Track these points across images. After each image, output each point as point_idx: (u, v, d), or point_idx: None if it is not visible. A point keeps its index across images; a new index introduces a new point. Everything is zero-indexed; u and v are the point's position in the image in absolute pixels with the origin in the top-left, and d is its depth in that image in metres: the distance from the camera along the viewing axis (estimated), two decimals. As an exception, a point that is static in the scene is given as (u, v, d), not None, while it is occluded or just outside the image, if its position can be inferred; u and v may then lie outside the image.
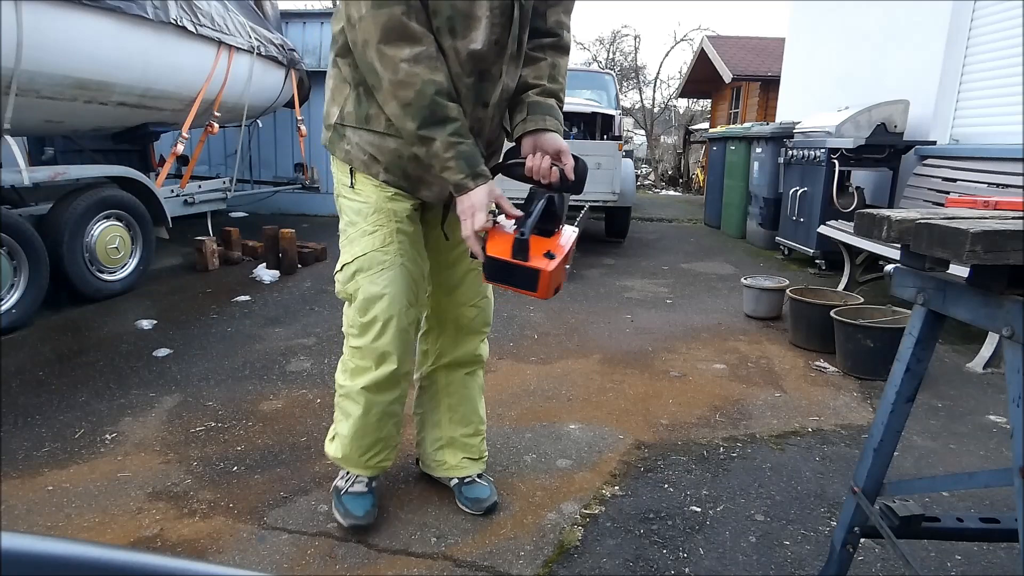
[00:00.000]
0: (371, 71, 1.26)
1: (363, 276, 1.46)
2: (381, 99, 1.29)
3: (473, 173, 1.31)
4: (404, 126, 1.29)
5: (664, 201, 11.79)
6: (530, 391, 2.64)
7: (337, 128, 1.43)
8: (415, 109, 1.25)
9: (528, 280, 1.28)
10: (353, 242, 1.47)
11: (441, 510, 1.78)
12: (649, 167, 18.53)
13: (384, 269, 1.46)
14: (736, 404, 2.55)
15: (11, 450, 2.07)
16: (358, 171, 1.44)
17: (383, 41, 1.22)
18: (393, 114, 1.29)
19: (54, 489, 1.85)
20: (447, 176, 1.31)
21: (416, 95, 1.24)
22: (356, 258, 1.46)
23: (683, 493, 1.90)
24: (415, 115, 1.26)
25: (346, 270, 1.49)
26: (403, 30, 1.22)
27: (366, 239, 1.46)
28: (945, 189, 4.08)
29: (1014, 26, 4.21)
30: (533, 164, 1.39)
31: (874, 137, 4.62)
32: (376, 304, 1.47)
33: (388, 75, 1.24)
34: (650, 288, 4.58)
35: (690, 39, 20.17)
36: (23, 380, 2.65)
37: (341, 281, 1.52)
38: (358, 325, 1.51)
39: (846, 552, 1.26)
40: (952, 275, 1.06)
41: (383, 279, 1.47)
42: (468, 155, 1.30)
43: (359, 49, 1.26)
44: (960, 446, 2.24)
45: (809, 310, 3.20)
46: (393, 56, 1.22)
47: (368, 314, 1.48)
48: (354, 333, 1.53)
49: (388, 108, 1.29)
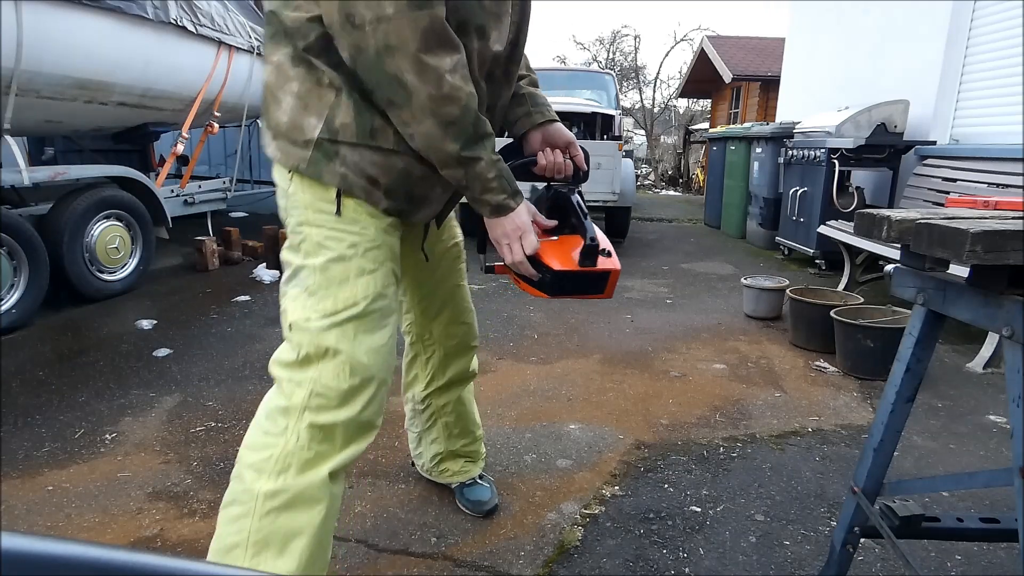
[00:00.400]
0: (393, 83, 1.02)
1: (358, 327, 1.13)
2: (405, 117, 1.06)
3: (513, 191, 1.15)
4: (443, 147, 1.07)
5: (664, 201, 11.79)
6: (530, 391, 2.64)
7: (323, 146, 1.09)
8: (459, 128, 1.06)
9: (597, 284, 1.22)
10: (344, 284, 1.12)
11: (441, 510, 1.78)
12: (649, 167, 18.53)
13: (385, 317, 1.18)
14: (736, 404, 2.55)
15: (11, 450, 2.07)
16: (350, 197, 1.13)
17: (424, 49, 1.00)
18: (427, 134, 1.06)
19: (54, 489, 1.85)
20: (487, 198, 1.13)
21: (462, 111, 1.05)
22: (352, 304, 1.12)
23: (683, 493, 1.90)
24: (459, 134, 1.07)
25: (332, 319, 1.11)
26: (445, 35, 1.02)
27: (365, 280, 1.14)
28: (945, 189, 4.08)
29: (1014, 26, 4.21)
30: (548, 160, 1.30)
31: (874, 137, 4.62)
32: (373, 362, 1.14)
33: (429, 89, 1.01)
34: (650, 288, 4.58)
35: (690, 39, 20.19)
36: (23, 380, 2.65)
37: (315, 332, 1.11)
38: (337, 393, 1.11)
39: (846, 552, 1.26)
40: (952, 275, 1.06)
41: (386, 331, 1.18)
42: (507, 171, 1.15)
43: (371, 56, 1.00)
44: (960, 446, 2.24)
45: (809, 310, 3.20)
46: (437, 67, 1.01)
47: (356, 376, 1.12)
48: (324, 404, 1.11)
49: (420, 127, 1.06)
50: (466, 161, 1.09)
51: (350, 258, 1.13)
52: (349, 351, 1.11)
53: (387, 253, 1.19)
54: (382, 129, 1.11)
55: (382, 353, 1.16)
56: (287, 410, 1.12)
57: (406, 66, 1.00)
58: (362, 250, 1.14)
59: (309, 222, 1.13)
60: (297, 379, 1.12)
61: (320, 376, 1.11)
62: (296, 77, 1.09)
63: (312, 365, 1.11)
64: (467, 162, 1.09)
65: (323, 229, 1.13)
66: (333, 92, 1.08)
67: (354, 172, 1.11)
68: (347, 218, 1.13)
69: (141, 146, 5.37)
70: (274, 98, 1.11)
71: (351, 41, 1.01)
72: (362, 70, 1.04)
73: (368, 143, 1.10)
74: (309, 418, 1.10)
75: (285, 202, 1.16)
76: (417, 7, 0.98)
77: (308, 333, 1.11)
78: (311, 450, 1.10)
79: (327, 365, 1.11)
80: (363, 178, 1.12)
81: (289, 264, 1.17)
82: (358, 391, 1.13)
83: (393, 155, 1.13)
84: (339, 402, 1.11)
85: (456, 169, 1.10)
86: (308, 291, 1.13)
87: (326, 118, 1.08)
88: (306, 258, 1.13)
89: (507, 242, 1.17)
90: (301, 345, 1.12)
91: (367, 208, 1.15)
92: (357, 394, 1.13)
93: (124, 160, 4.66)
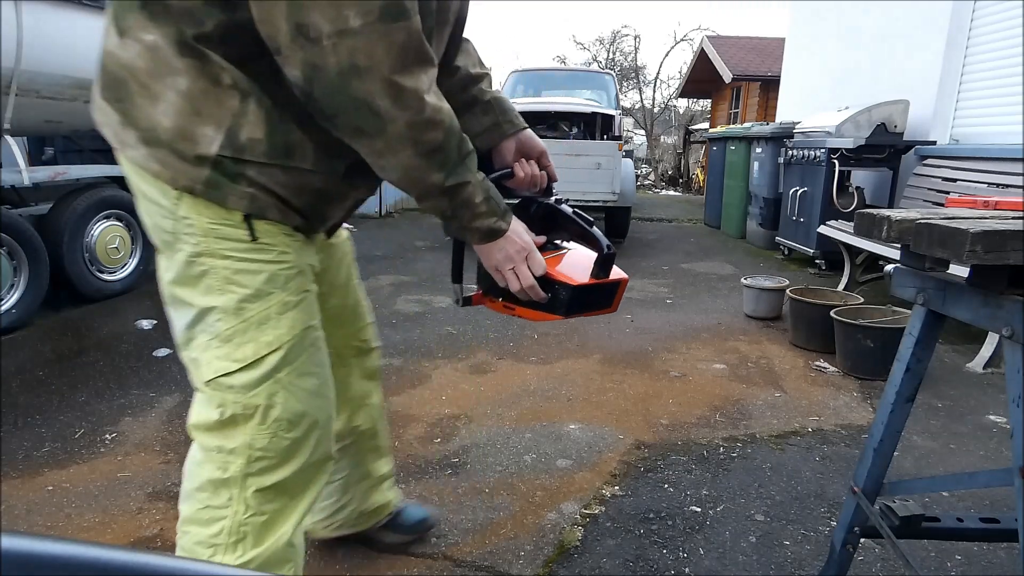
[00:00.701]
0: (363, 110, 0.84)
1: (290, 373, 0.97)
2: (378, 147, 0.88)
3: (503, 210, 1.00)
4: (426, 179, 0.91)
5: (664, 201, 11.79)
6: (530, 391, 2.64)
7: (224, 165, 0.88)
8: (444, 155, 0.91)
9: (607, 297, 1.12)
10: (265, 325, 0.95)
11: (441, 510, 1.78)
12: (649, 167, 18.54)
13: (318, 349, 1.03)
14: (736, 404, 2.55)
15: (11, 450, 2.07)
16: (262, 220, 0.94)
17: (399, 70, 0.82)
18: (406, 166, 0.90)
19: (54, 489, 1.85)
20: (478, 225, 0.98)
21: (446, 135, 0.90)
22: (277, 347, 0.95)
23: (683, 493, 1.90)
24: (444, 162, 0.91)
25: (257, 371, 0.94)
26: (422, 51, 0.86)
27: (290, 316, 0.97)
28: (945, 189, 4.08)
29: (1014, 26, 4.21)
30: (525, 173, 1.15)
31: (874, 137, 4.62)
32: (312, 406, 1.00)
33: (408, 115, 0.85)
34: (650, 288, 4.58)
35: (690, 39, 20.18)
36: (23, 380, 2.65)
37: (239, 389, 0.95)
38: (278, 452, 0.97)
39: (846, 552, 1.26)
40: (952, 275, 1.06)
41: (322, 367, 1.03)
42: (494, 190, 1.00)
43: (332, 78, 0.81)
44: (960, 446, 2.24)
45: (809, 310, 3.20)
46: (415, 89, 0.84)
47: (297, 429, 0.98)
48: (267, 466, 0.98)
49: (397, 158, 0.89)
50: (452, 190, 0.93)
51: (269, 293, 0.95)
52: (284, 404, 0.96)
53: (309, 275, 1.03)
54: (300, 145, 0.92)
55: (322, 392, 1.02)
56: (226, 482, 0.97)
57: (378, 90, 0.82)
58: (282, 281, 0.96)
59: (212, 252, 0.92)
60: (228, 447, 0.97)
61: (254, 440, 0.96)
62: (184, 71, 0.86)
63: (241, 427, 0.96)
64: (453, 191, 0.94)
65: (231, 261, 0.93)
66: (237, 97, 0.87)
67: (264, 195, 0.92)
68: (262, 244, 0.94)
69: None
70: (143, 88, 0.87)
71: (304, 58, 0.80)
72: (320, 93, 0.83)
73: (282, 163, 0.91)
74: (254, 484, 0.97)
75: (171, 224, 0.92)
76: (391, 18, 0.80)
77: (232, 391, 0.95)
78: (264, 513, 0.99)
79: (260, 427, 0.96)
80: (273, 197, 0.93)
81: (185, 304, 0.95)
82: (303, 441, 0.99)
83: (310, 175, 0.95)
84: (283, 459, 0.98)
85: (440, 199, 0.95)
86: (221, 338, 0.94)
87: (228, 130, 0.87)
88: (212, 297, 0.93)
89: (511, 267, 1.02)
90: (225, 405, 0.95)
91: (282, 228, 0.97)
92: (302, 444, 1.00)
93: (124, 160, 4.65)
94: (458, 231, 1.01)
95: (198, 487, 1.01)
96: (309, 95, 0.84)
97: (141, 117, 0.88)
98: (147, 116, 0.88)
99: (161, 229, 0.94)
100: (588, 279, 1.06)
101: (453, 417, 2.38)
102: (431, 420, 2.35)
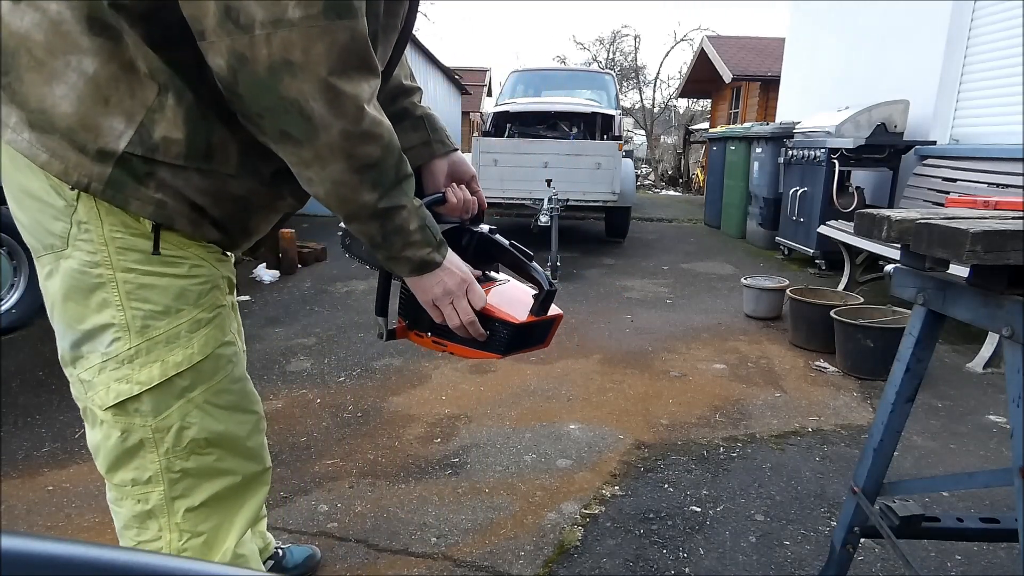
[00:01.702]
0: (292, 112, 0.74)
1: (205, 390, 0.89)
2: (305, 156, 0.78)
3: (438, 241, 0.90)
4: (356, 198, 0.81)
5: (664, 201, 11.79)
6: (530, 391, 2.64)
7: (131, 164, 0.78)
8: (380, 172, 0.81)
9: (543, 333, 1.04)
10: (174, 344, 0.85)
11: (441, 510, 1.78)
12: (649, 167, 18.55)
13: (234, 366, 0.94)
14: (736, 404, 2.55)
15: (11, 450, 2.07)
16: (170, 229, 0.83)
17: (339, 73, 0.73)
18: (335, 180, 0.79)
19: (54, 489, 1.85)
20: (409, 254, 0.87)
21: (383, 152, 0.80)
22: (189, 367, 0.86)
23: (683, 493, 1.90)
24: (378, 180, 0.81)
25: (163, 390, 0.85)
26: (366, 55, 0.77)
27: (202, 333, 0.88)
28: (945, 189, 4.08)
29: (1014, 26, 4.21)
30: (458, 198, 1.04)
31: (874, 137, 4.62)
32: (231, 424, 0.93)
33: (343, 124, 0.75)
34: (650, 288, 4.58)
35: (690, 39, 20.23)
36: (23, 380, 2.65)
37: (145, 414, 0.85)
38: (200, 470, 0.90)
39: (846, 552, 1.26)
40: (952, 275, 1.06)
41: (235, 380, 0.94)
42: (430, 218, 0.90)
43: (261, 73, 0.71)
44: (960, 446, 2.24)
45: (809, 310, 3.20)
46: (354, 96, 0.75)
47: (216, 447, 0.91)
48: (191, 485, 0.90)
49: (326, 171, 0.79)
50: (384, 213, 0.83)
51: (179, 311, 0.85)
52: (200, 424, 0.88)
53: (224, 288, 0.93)
54: (221, 147, 0.81)
55: (241, 406, 0.94)
56: (150, 513, 0.89)
57: (312, 91, 0.73)
58: (194, 296, 0.86)
59: (111, 264, 0.81)
60: (142, 478, 0.88)
61: (171, 464, 0.87)
62: (92, 51, 0.74)
63: (151, 454, 0.87)
64: (386, 214, 0.83)
65: (135, 274, 0.82)
66: (154, 89, 0.76)
67: (174, 198, 0.81)
68: (170, 258, 0.84)
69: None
70: (38, 65, 0.75)
71: (231, 46, 0.71)
72: (245, 89, 0.73)
73: (200, 166, 0.81)
74: (182, 506, 0.90)
75: (61, 228, 0.80)
76: (336, 15, 0.71)
77: (139, 415, 0.85)
78: (201, 534, 0.92)
79: (176, 449, 0.87)
80: (186, 205, 0.82)
81: (73, 318, 0.84)
82: (227, 457, 0.92)
83: (231, 180, 0.84)
84: (209, 475, 0.91)
85: (370, 223, 0.84)
86: (119, 359, 0.83)
87: (139, 125, 0.76)
88: (108, 313, 0.82)
89: (449, 301, 0.91)
90: (130, 431, 0.85)
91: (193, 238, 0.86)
92: (226, 459, 0.92)
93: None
94: (387, 260, 0.89)
95: (124, 525, 0.92)
96: (233, 89, 0.74)
97: (31, 97, 0.76)
98: (39, 97, 0.75)
99: (47, 231, 0.82)
100: (528, 317, 0.96)
101: (453, 417, 2.38)
102: (431, 420, 2.35)
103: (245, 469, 0.95)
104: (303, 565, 1.51)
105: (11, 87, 0.76)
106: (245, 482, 0.96)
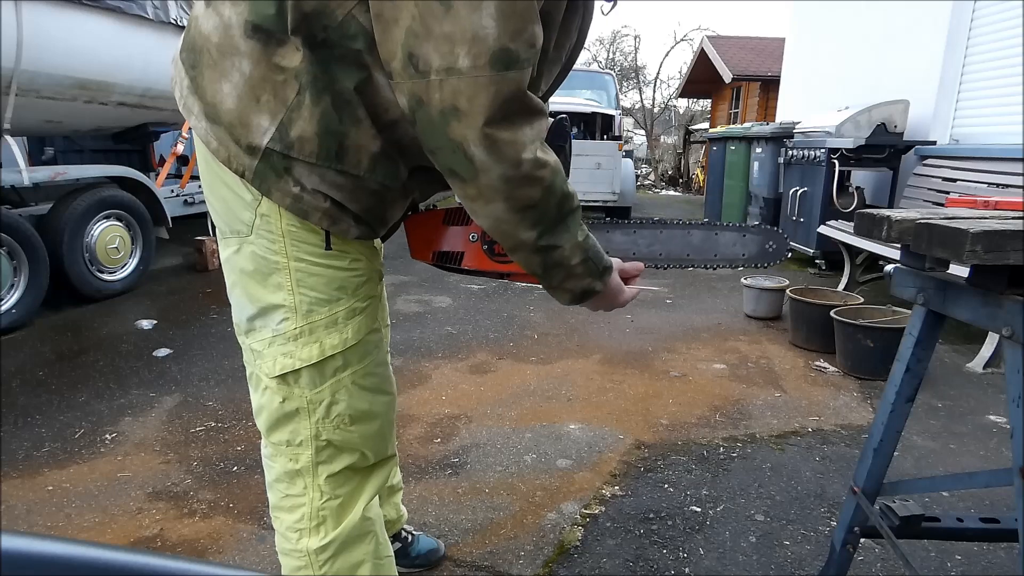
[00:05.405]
0: (458, 153, 0.80)
1: (354, 373, 0.99)
2: (470, 192, 0.84)
3: (601, 270, 0.97)
4: (515, 234, 0.88)
5: (664, 201, 11.79)
6: (530, 391, 2.64)
7: (271, 158, 0.86)
8: (539, 213, 0.86)
9: None
10: (332, 328, 0.96)
11: (441, 510, 1.78)
12: (649, 167, 18.55)
13: (380, 349, 1.05)
14: (736, 404, 2.55)
15: (11, 450, 2.07)
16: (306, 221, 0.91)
17: (498, 121, 0.78)
18: (496, 217, 0.86)
19: (54, 489, 1.85)
20: (569, 286, 0.95)
21: (544, 195, 0.85)
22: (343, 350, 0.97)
23: (683, 493, 1.90)
24: (537, 221, 0.87)
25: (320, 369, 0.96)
26: (526, 103, 0.81)
27: (356, 321, 0.98)
28: (945, 189, 4.08)
29: (1014, 26, 4.21)
30: None
31: (874, 137, 4.62)
32: (373, 403, 1.04)
33: (502, 169, 0.80)
34: (650, 288, 4.58)
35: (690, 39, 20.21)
36: (23, 380, 2.65)
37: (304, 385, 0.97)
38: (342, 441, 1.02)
39: (846, 552, 1.26)
40: (952, 275, 1.06)
41: (382, 366, 1.06)
42: (594, 249, 0.96)
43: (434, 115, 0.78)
44: (960, 446, 2.24)
45: (809, 310, 3.20)
46: (514, 141, 0.80)
47: (359, 424, 1.03)
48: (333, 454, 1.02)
49: (488, 208, 0.85)
50: (544, 250, 0.90)
51: (339, 299, 0.96)
52: (347, 402, 0.99)
53: (376, 280, 1.03)
54: (353, 150, 0.87)
55: (383, 388, 1.05)
56: (299, 472, 1.03)
57: (473, 138, 0.78)
58: (353, 287, 0.97)
59: (286, 253, 0.92)
60: (296, 440, 1.01)
61: (319, 432, 1.00)
62: (248, 53, 0.83)
63: (305, 420, 0.99)
64: (546, 250, 0.90)
65: (306, 264, 0.93)
66: (295, 87, 0.83)
67: (313, 197, 0.88)
68: (337, 251, 0.94)
69: (141, 146, 5.37)
70: (214, 63, 0.85)
71: (411, 89, 0.78)
72: (421, 128, 0.80)
73: (332, 165, 0.87)
74: (324, 472, 1.03)
75: (249, 217, 0.92)
76: (502, 66, 0.75)
77: (297, 387, 0.97)
78: (338, 497, 1.05)
79: (324, 420, 0.99)
80: (325, 202, 0.89)
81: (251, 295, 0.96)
82: (366, 433, 1.03)
83: (364, 179, 0.90)
84: (349, 447, 1.03)
85: (531, 257, 0.92)
86: (286, 336, 0.95)
87: (280, 123, 0.84)
88: (281, 295, 0.94)
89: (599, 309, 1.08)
90: (289, 398, 0.98)
91: None
92: (366, 435, 1.04)
93: (124, 160, 4.67)
94: (548, 289, 0.97)
95: (276, 479, 1.06)
96: (413, 125, 0.82)
97: (208, 91, 0.87)
98: (213, 91, 0.86)
99: (237, 218, 0.93)
100: None
101: (453, 417, 2.38)
102: (431, 420, 2.35)
103: (378, 447, 1.06)
104: (425, 556, 1.57)
105: (196, 80, 0.88)
106: (377, 456, 1.07)
